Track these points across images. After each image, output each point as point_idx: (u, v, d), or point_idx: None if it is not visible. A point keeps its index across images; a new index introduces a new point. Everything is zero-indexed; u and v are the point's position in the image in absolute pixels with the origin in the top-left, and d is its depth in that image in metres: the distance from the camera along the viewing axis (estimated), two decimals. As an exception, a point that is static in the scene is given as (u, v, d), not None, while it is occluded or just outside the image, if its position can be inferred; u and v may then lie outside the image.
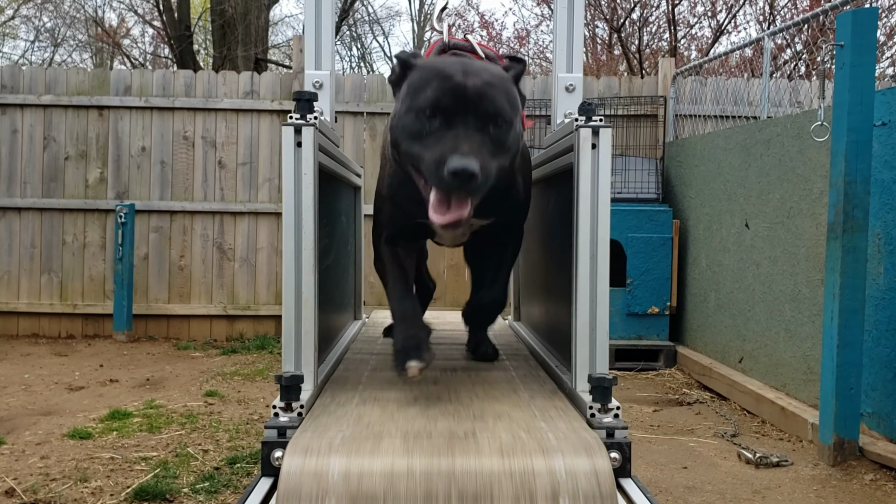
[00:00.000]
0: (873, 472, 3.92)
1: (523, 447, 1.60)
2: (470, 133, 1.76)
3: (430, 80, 1.82)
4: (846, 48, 4.12)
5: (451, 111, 1.77)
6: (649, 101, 7.51)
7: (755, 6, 12.43)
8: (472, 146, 1.73)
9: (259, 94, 7.62)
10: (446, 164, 1.69)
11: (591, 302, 1.88)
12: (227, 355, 6.86)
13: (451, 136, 1.75)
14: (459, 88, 1.79)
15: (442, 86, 1.79)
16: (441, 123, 1.77)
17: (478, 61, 1.94)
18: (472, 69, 1.84)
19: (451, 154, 1.70)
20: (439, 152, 1.74)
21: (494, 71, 1.91)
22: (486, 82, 1.81)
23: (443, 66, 1.87)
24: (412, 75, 1.90)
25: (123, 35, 19.50)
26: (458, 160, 1.68)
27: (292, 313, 1.86)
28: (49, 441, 4.31)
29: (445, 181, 1.70)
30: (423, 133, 1.79)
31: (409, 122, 1.83)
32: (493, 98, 1.80)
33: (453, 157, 1.69)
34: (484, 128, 1.79)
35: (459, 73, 1.81)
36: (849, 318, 4.10)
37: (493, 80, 1.84)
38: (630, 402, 5.46)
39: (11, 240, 7.51)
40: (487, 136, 1.79)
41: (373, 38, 25.19)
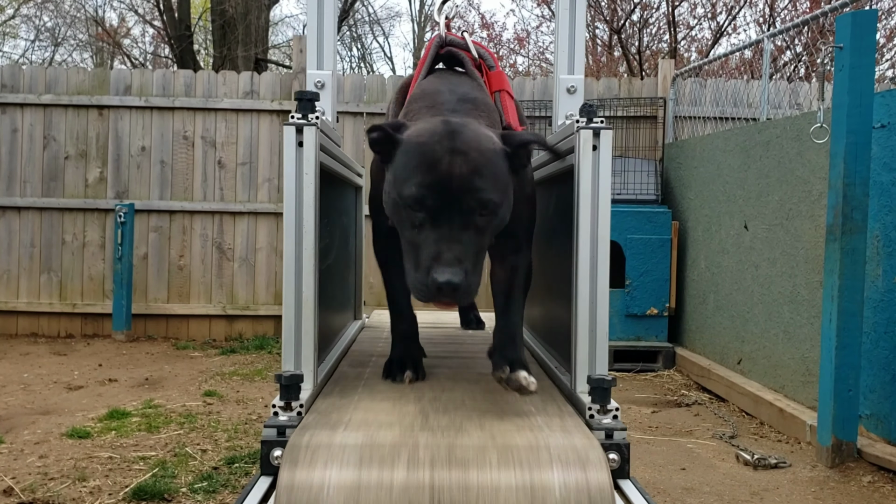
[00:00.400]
0: (871, 474, 3.92)
1: (523, 452, 1.60)
2: (455, 233, 1.72)
3: (414, 168, 1.76)
4: (845, 50, 4.13)
5: (437, 208, 1.72)
6: (649, 103, 7.51)
7: (755, 8, 12.45)
8: (456, 253, 1.70)
9: (259, 94, 7.63)
10: (430, 275, 1.68)
11: (590, 303, 1.88)
12: (225, 355, 6.86)
13: (434, 238, 1.72)
14: (444, 181, 1.72)
15: (425, 180, 1.73)
16: (426, 218, 1.73)
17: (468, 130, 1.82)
18: (458, 149, 1.75)
19: (434, 266, 1.68)
20: (424, 262, 1.71)
21: (485, 147, 1.80)
22: (472, 169, 1.74)
23: (427, 148, 1.77)
24: (397, 156, 1.83)
25: (124, 35, 19.50)
26: (442, 273, 1.67)
27: (292, 313, 1.87)
28: (47, 440, 4.31)
29: (431, 294, 1.69)
30: (410, 224, 1.76)
31: (397, 211, 1.80)
32: (479, 191, 1.73)
33: (437, 269, 1.67)
34: (469, 221, 1.74)
35: (445, 158, 1.74)
36: (847, 320, 4.10)
37: (480, 162, 1.76)
38: (629, 403, 5.46)
39: (11, 239, 7.51)
40: (473, 226, 1.74)
41: (373, 39, 25.21)
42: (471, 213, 1.73)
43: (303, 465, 1.57)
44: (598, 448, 1.62)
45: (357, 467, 1.57)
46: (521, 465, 1.57)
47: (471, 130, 1.82)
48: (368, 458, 1.59)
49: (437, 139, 1.78)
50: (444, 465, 1.57)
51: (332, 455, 1.59)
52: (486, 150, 1.80)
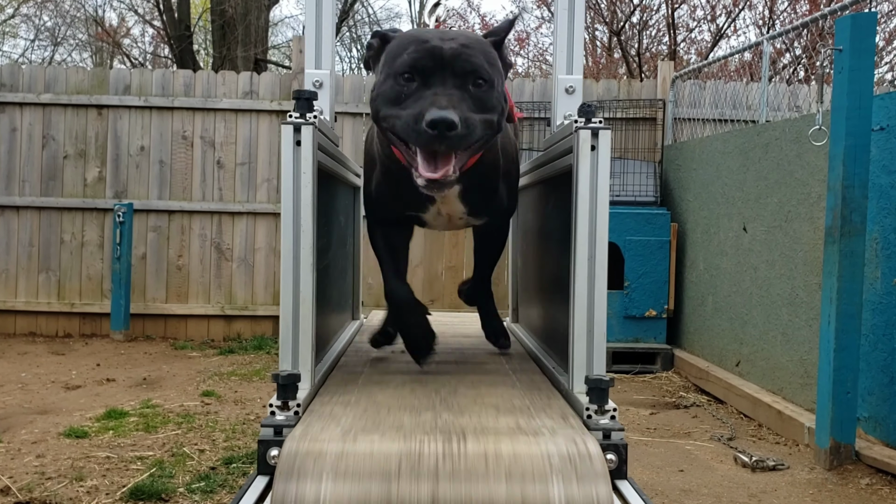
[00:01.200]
0: (869, 477, 3.92)
1: (523, 460, 1.60)
2: (448, 90, 1.75)
3: (406, 45, 1.83)
4: (845, 52, 4.13)
5: (429, 71, 1.76)
6: (648, 105, 7.51)
7: (754, 10, 12.46)
8: (450, 100, 1.72)
9: (258, 94, 7.62)
10: (424, 116, 1.68)
11: (588, 304, 1.88)
12: (224, 355, 6.86)
13: (429, 93, 1.74)
14: (436, 49, 1.78)
15: (418, 48, 1.79)
16: (419, 85, 1.77)
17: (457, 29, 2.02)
18: (449, 34, 1.86)
19: (429, 108, 1.69)
20: (418, 108, 1.72)
21: (472, 35, 1.92)
22: (462, 44, 1.81)
23: (419, 32, 1.90)
24: (389, 46, 1.90)
25: (123, 35, 19.50)
26: (437, 112, 1.66)
27: (290, 312, 1.86)
28: (45, 440, 4.30)
29: (424, 134, 1.68)
30: (402, 96, 1.78)
31: (388, 89, 1.82)
32: (470, 56, 1.79)
33: (431, 110, 1.67)
34: (463, 85, 1.77)
35: (436, 38, 1.83)
36: (846, 323, 4.10)
37: (469, 41, 1.85)
38: (627, 404, 5.46)
39: (9, 238, 7.51)
40: (467, 93, 1.78)
41: (381, 31, 25.17)
42: (464, 77, 1.78)
43: (297, 477, 1.56)
44: (597, 450, 1.62)
45: (353, 479, 1.56)
46: (522, 476, 1.57)
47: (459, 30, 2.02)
48: (365, 469, 1.57)
49: (427, 30, 1.95)
50: (444, 476, 1.56)
51: (328, 465, 1.58)
52: (474, 36, 1.92)
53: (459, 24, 15.42)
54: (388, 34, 1.95)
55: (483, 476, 1.56)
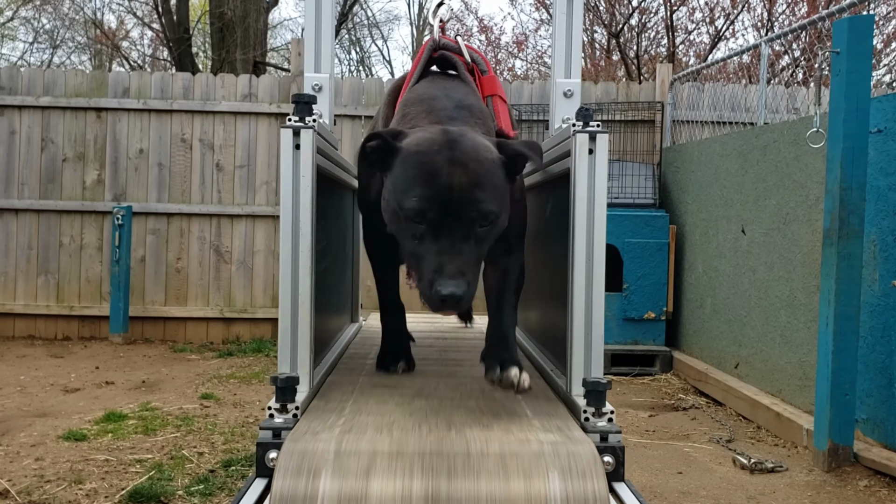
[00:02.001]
0: (868, 478, 3.93)
1: (521, 460, 1.60)
2: (456, 245, 1.77)
3: (414, 180, 1.80)
4: (842, 55, 4.14)
5: (437, 221, 1.77)
6: (646, 107, 7.52)
7: (753, 13, 12.48)
8: (458, 264, 1.76)
9: (257, 96, 7.63)
10: (434, 287, 1.74)
11: (586, 306, 1.88)
12: (223, 358, 6.86)
13: (435, 251, 1.77)
14: (444, 193, 1.76)
15: (426, 193, 1.77)
16: (427, 230, 1.78)
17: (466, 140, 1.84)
18: (457, 160, 1.79)
19: (438, 278, 1.74)
20: (428, 274, 1.77)
21: (483, 157, 1.83)
22: (471, 181, 1.78)
23: (427, 158, 1.80)
24: (396, 166, 1.85)
25: (122, 37, 19.52)
26: (446, 285, 1.73)
27: (289, 314, 1.87)
28: (44, 443, 4.30)
29: (436, 304, 1.76)
30: (412, 236, 1.81)
31: (397, 222, 1.84)
32: (479, 202, 1.77)
33: (440, 282, 1.74)
34: (469, 232, 1.78)
35: (444, 168, 1.77)
36: (844, 325, 4.11)
37: (479, 176, 1.79)
38: (626, 407, 5.47)
39: (8, 241, 7.51)
40: (473, 237, 1.79)
41: (371, 42, 25.22)
42: (471, 223, 1.78)
43: (297, 474, 1.57)
44: (594, 453, 1.62)
45: (352, 476, 1.57)
46: (518, 475, 1.57)
47: (469, 140, 1.85)
48: (364, 466, 1.58)
49: (436, 149, 1.81)
50: (441, 475, 1.57)
51: (327, 463, 1.59)
52: (484, 160, 1.83)
53: (458, 27, 15.43)
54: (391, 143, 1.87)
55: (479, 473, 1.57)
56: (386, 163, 1.88)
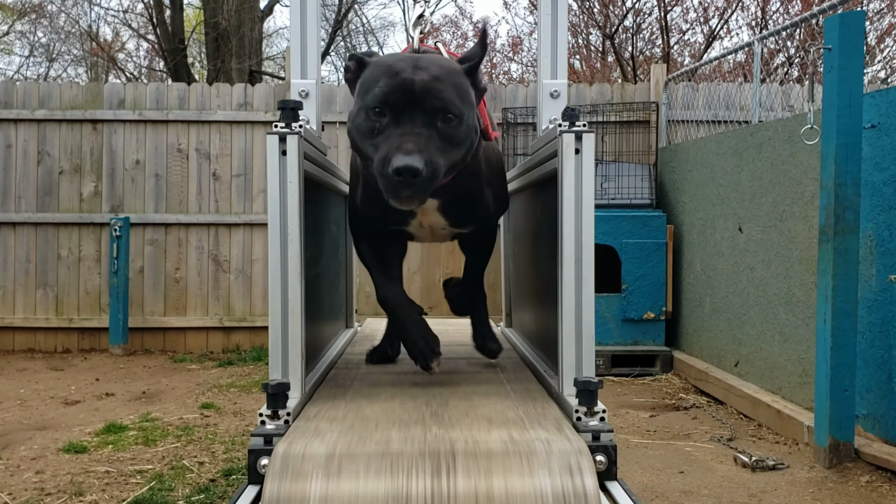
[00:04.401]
0: (869, 474, 3.92)
1: (510, 457, 1.60)
2: (417, 129, 1.79)
3: (378, 77, 1.85)
4: (834, 51, 4.14)
5: (398, 108, 1.80)
6: (642, 108, 7.53)
7: (747, 11, 12.49)
8: (417, 143, 1.76)
9: (253, 105, 7.64)
10: (390, 162, 1.73)
11: (576, 306, 1.88)
12: (223, 367, 6.86)
13: (397, 133, 1.78)
14: (406, 84, 1.81)
15: (389, 83, 1.82)
16: (389, 121, 1.80)
17: (431, 55, 1.95)
18: (421, 64, 1.86)
19: (395, 153, 1.73)
20: (385, 151, 1.77)
21: (444, 63, 1.92)
22: (433, 76, 1.83)
23: (392, 61, 1.89)
24: (364, 73, 1.93)
25: (118, 49, 19.54)
26: (402, 158, 1.71)
27: (279, 321, 1.87)
28: (44, 455, 4.30)
29: (391, 180, 1.73)
30: (374, 131, 1.83)
31: (361, 121, 1.87)
32: (440, 91, 1.81)
33: (397, 156, 1.72)
34: (431, 123, 1.81)
35: (408, 69, 1.84)
36: (842, 321, 4.10)
37: (441, 73, 1.85)
38: (626, 407, 5.46)
39: (6, 255, 7.52)
40: (435, 130, 1.81)
41: (367, 49, 25.21)
42: (433, 113, 1.81)
43: (287, 477, 1.56)
44: (584, 450, 1.62)
45: (342, 478, 1.56)
46: (510, 473, 1.57)
47: (434, 56, 1.96)
48: (354, 468, 1.58)
49: (400, 57, 1.92)
50: (432, 475, 1.57)
51: (318, 466, 1.58)
52: (446, 65, 1.92)
53: (452, 31, 15.45)
54: (364, 59, 1.96)
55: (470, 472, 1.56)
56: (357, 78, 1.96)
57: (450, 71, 1.90)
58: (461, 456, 1.61)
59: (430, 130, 1.80)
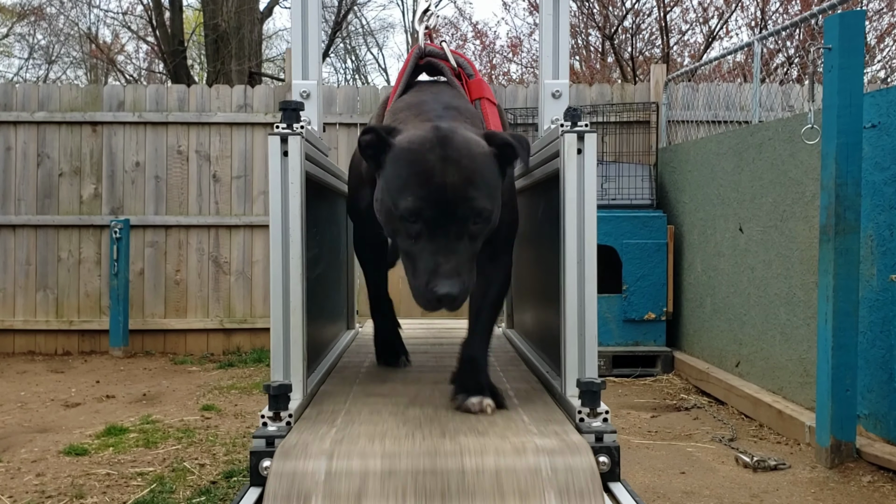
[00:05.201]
0: (871, 474, 3.91)
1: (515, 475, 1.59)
2: (451, 244, 1.78)
3: (408, 179, 1.80)
4: (834, 51, 4.14)
5: (433, 220, 1.78)
6: (642, 108, 7.52)
7: (746, 12, 12.48)
8: (454, 264, 1.77)
9: (252, 107, 7.64)
10: (429, 286, 1.76)
11: (578, 306, 1.88)
12: (223, 369, 6.85)
13: (432, 251, 1.78)
14: (439, 191, 1.77)
15: (421, 193, 1.78)
16: (422, 229, 1.78)
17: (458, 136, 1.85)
18: (450, 157, 1.80)
19: (434, 277, 1.76)
20: (423, 273, 1.78)
21: (475, 152, 1.84)
22: (465, 179, 1.79)
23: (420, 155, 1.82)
24: (389, 163, 1.86)
25: (118, 51, 19.55)
26: (443, 285, 1.74)
27: (280, 322, 1.86)
28: (45, 458, 4.30)
29: (432, 304, 1.77)
30: (407, 234, 1.81)
31: (392, 221, 1.84)
32: (472, 199, 1.79)
33: (437, 282, 1.75)
34: (464, 229, 1.79)
35: (438, 167, 1.78)
36: (843, 320, 4.10)
37: (471, 172, 1.80)
38: (628, 408, 5.45)
39: (6, 257, 7.51)
40: (467, 235, 1.80)
41: (367, 50, 25.24)
42: (465, 221, 1.79)
43: (287, 499, 1.55)
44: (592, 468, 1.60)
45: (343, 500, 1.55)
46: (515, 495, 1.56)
47: (460, 136, 1.86)
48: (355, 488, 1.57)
49: (428, 146, 1.82)
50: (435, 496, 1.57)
51: (317, 486, 1.58)
52: (476, 155, 1.84)
53: (452, 33, 15.45)
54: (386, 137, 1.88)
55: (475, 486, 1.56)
56: (379, 159, 1.89)
57: (479, 163, 1.83)
58: (465, 475, 1.59)
59: (462, 239, 1.80)
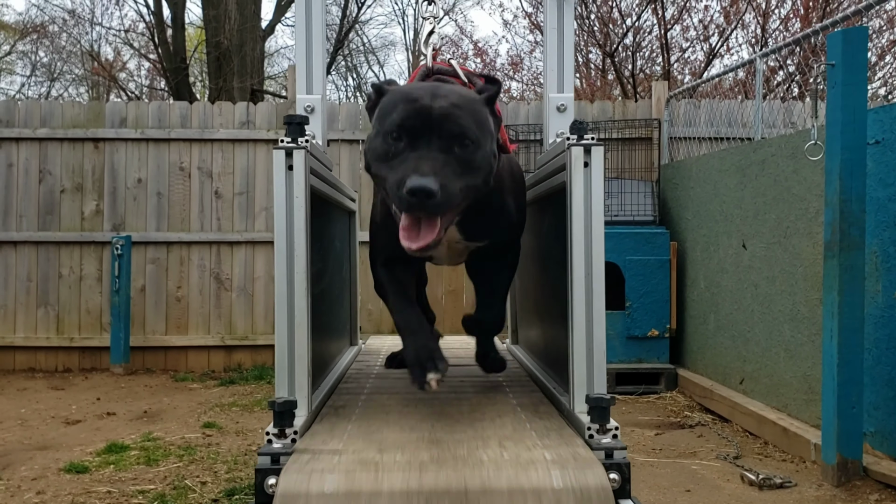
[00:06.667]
0: (878, 492, 3.88)
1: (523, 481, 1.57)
2: (433, 153, 1.78)
3: (397, 103, 1.85)
4: (837, 67, 4.14)
5: (416, 132, 1.79)
6: (643, 125, 7.53)
7: (747, 29, 12.52)
8: (432, 166, 1.75)
9: (255, 124, 7.64)
10: (404, 183, 1.71)
11: (587, 321, 1.86)
12: (225, 386, 6.82)
13: (414, 157, 1.77)
14: (424, 110, 1.81)
15: (407, 108, 1.82)
16: (406, 145, 1.79)
17: (450, 85, 1.97)
18: (440, 92, 1.87)
19: (410, 174, 1.72)
20: (401, 173, 1.75)
21: (464, 93, 1.93)
22: (452, 104, 1.83)
23: (411, 89, 1.91)
24: (383, 101, 1.93)
25: (120, 69, 19.62)
26: (416, 179, 1.70)
27: (285, 338, 1.84)
28: (45, 476, 4.26)
29: (405, 200, 1.72)
30: (390, 155, 1.82)
31: (378, 145, 1.86)
32: (458, 118, 1.81)
33: (412, 177, 1.70)
34: (449, 148, 1.79)
35: (426, 96, 1.84)
36: (848, 337, 4.07)
37: (459, 101, 1.86)
38: (632, 425, 5.42)
39: (7, 273, 7.49)
40: (453, 156, 1.80)
41: (368, 68, 25.32)
42: (450, 139, 1.80)
43: None
44: (600, 470, 1.59)
45: None
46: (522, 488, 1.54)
47: (453, 86, 1.98)
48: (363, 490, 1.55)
49: (420, 86, 1.95)
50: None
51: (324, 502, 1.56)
52: (465, 94, 1.93)
53: (453, 51, 15.50)
54: (384, 87, 1.97)
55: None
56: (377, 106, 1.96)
57: (468, 99, 1.91)
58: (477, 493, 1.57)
59: (447, 155, 1.79)
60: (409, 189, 1.69)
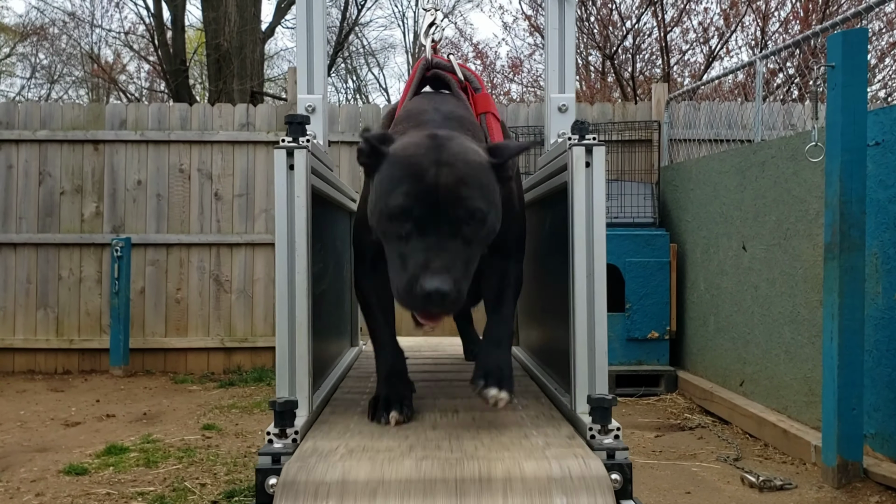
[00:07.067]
0: (878, 494, 3.87)
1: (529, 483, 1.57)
2: (442, 242, 1.67)
3: (401, 180, 1.72)
4: (837, 69, 4.14)
5: (423, 217, 1.68)
6: (643, 127, 7.53)
7: (746, 32, 12.53)
8: (444, 262, 1.65)
9: (255, 125, 7.64)
10: (418, 283, 1.62)
11: (588, 321, 1.86)
12: (224, 388, 6.81)
13: (422, 248, 1.67)
14: (431, 192, 1.69)
15: (411, 189, 1.70)
16: (412, 229, 1.68)
17: (455, 143, 1.78)
18: (444, 160, 1.72)
19: (423, 273, 1.62)
20: (411, 270, 1.65)
21: (470, 159, 1.77)
22: (458, 178, 1.71)
23: (412, 157, 1.75)
24: (382, 170, 1.79)
25: (119, 71, 19.63)
26: (431, 281, 1.61)
27: (286, 338, 1.84)
28: (44, 478, 4.26)
29: (419, 303, 1.63)
30: (397, 236, 1.71)
31: (383, 224, 1.75)
32: (465, 199, 1.69)
33: (426, 278, 1.61)
34: (457, 231, 1.69)
35: (431, 167, 1.71)
36: (849, 339, 4.07)
37: (466, 172, 1.73)
38: (632, 427, 5.41)
39: (7, 275, 7.49)
40: (461, 238, 1.70)
41: (368, 70, 25.34)
42: (458, 222, 1.69)
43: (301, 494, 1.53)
44: (601, 471, 1.59)
45: None
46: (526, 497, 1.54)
47: (457, 143, 1.79)
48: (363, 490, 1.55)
49: (423, 151, 1.75)
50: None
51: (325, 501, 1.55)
52: (472, 161, 1.77)
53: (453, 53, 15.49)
54: (380, 147, 1.81)
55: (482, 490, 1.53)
56: (374, 167, 1.82)
57: (475, 167, 1.76)
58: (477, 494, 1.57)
59: (455, 240, 1.68)
60: (423, 294, 1.61)
